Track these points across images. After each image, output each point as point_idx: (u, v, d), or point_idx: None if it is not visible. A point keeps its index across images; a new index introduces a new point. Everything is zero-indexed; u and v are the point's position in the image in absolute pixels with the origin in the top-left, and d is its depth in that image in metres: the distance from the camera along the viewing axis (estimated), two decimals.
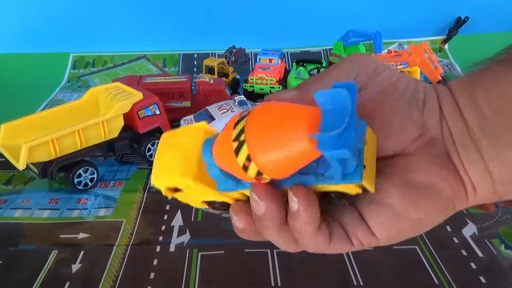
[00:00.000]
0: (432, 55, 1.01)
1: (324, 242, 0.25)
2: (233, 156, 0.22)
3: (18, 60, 1.44)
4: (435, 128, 0.25)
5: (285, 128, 0.20)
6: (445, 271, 0.61)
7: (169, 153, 0.27)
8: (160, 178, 0.27)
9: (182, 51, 1.51)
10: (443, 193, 0.24)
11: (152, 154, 0.90)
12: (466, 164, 0.24)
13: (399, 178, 0.24)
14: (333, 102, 0.20)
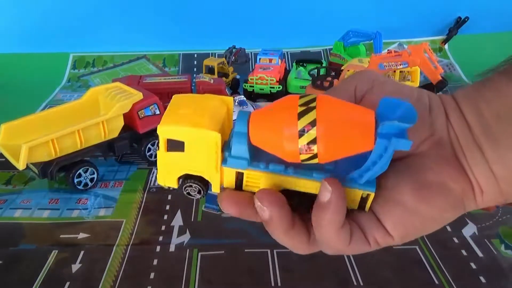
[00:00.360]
0: (432, 55, 1.01)
1: (344, 242, 0.25)
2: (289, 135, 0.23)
3: (18, 60, 1.44)
4: (443, 131, 0.26)
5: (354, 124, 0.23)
6: (445, 271, 0.61)
7: (187, 110, 0.27)
8: (169, 126, 0.26)
9: (182, 51, 1.51)
10: (453, 191, 0.25)
11: (152, 154, 0.90)
12: (472, 166, 0.25)
13: (411, 177, 0.25)
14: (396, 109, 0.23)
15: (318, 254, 0.28)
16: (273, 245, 0.67)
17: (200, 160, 0.27)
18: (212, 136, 0.25)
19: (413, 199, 0.25)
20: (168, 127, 0.26)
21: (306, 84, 1.13)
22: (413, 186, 0.25)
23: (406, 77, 1.15)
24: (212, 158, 0.26)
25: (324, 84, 0.99)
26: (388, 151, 0.22)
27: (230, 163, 0.26)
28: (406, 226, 0.25)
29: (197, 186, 0.28)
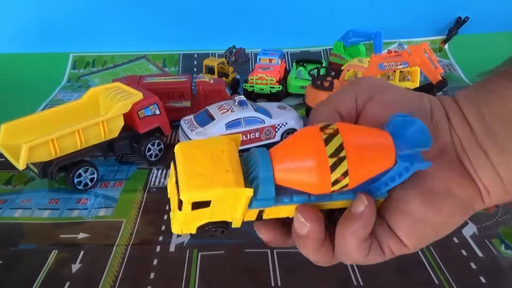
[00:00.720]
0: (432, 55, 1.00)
1: (364, 254, 0.26)
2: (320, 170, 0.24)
3: (18, 60, 1.44)
4: (446, 136, 0.27)
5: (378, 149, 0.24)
6: (445, 271, 0.61)
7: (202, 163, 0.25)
8: (197, 191, 0.24)
9: (182, 51, 1.51)
10: (461, 197, 0.26)
11: (152, 154, 0.90)
12: (478, 169, 0.26)
13: (418, 187, 0.26)
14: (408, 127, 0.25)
15: None
16: None
17: (226, 210, 0.26)
18: (245, 193, 0.25)
19: (421, 209, 0.25)
20: (194, 193, 0.24)
21: (306, 84, 1.13)
22: (420, 196, 0.26)
23: (406, 77, 1.15)
24: (240, 207, 0.26)
25: (324, 84, 0.99)
26: (410, 172, 0.24)
27: (256, 205, 0.26)
28: (418, 235, 0.26)
29: (220, 229, 0.28)
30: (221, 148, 0.26)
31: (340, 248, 0.26)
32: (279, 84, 1.17)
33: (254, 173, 0.26)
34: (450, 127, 0.27)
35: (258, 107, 0.94)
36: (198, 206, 0.25)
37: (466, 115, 0.26)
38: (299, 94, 1.20)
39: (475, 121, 0.26)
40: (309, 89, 1.05)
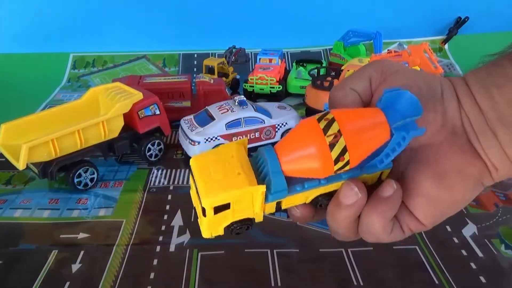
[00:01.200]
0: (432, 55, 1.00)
1: (388, 233, 0.28)
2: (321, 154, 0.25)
3: (18, 60, 1.44)
4: (456, 117, 0.28)
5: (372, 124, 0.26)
6: (445, 271, 0.61)
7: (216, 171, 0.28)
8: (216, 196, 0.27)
9: (182, 51, 1.51)
10: (471, 175, 0.27)
11: (152, 154, 0.90)
12: (486, 148, 0.27)
13: (430, 168, 0.28)
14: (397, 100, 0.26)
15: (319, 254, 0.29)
16: (273, 245, 0.67)
17: (246, 207, 0.28)
18: (259, 190, 0.27)
19: (435, 189, 0.27)
20: (214, 198, 0.27)
21: (306, 84, 1.13)
22: (433, 178, 0.27)
23: None
24: (258, 203, 0.28)
25: (324, 84, 0.99)
26: (407, 140, 0.26)
27: (272, 199, 0.28)
28: (434, 214, 0.28)
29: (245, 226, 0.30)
30: (231, 153, 0.29)
31: (366, 226, 0.28)
32: (279, 84, 1.17)
33: (264, 170, 0.28)
34: (460, 107, 0.28)
35: (258, 107, 0.94)
36: (219, 209, 0.27)
37: (476, 97, 0.27)
38: (299, 94, 1.20)
39: (485, 102, 0.27)
40: (309, 89, 1.05)
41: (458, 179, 0.27)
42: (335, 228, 0.29)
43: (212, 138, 0.88)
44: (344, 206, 0.28)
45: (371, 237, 0.29)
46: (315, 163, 0.26)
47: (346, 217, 0.28)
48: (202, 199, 0.27)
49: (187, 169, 0.88)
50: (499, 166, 0.27)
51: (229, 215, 0.28)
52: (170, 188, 0.82)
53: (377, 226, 0.27)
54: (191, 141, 0.87)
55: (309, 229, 0.69)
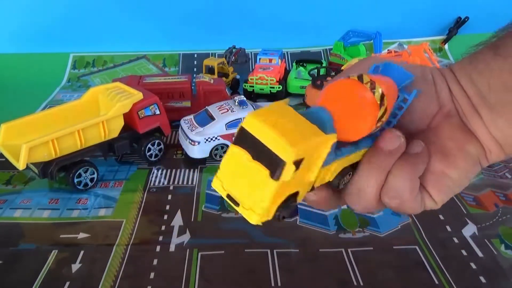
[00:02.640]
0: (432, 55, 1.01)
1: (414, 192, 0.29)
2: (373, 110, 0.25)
3: (18, 60, 1.44)
4: (449, 102, 0.30)
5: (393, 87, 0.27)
6: (445, 271, 0.61)
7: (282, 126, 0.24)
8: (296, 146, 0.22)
9: (182, 51, 1.51)
10: (471, 152, 0.29)
11: (152, 154, 0.90)
12: (475, 130, 0.29)
13: (434, 148, 0.29)
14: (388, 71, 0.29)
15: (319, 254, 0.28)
16: (273, 245, 0.67)
17: (305, 172, 0.24)
18: (331, 140, 0.24)
19: (441, 166, 0.29)
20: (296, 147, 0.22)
21: (306, 84, 1.13)
22: (439, 156, 0.29)
23: None
24: (319, 162, 0.25)
25: (324, 84, 0.99)
26: (409, 100, 0.28)
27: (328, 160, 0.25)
28: (443, 189, 0.30)
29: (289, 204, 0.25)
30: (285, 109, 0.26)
31: (394, 184, 0.28)
32: (279, 84, 1.17)
33: None
34: (451, 94, 0.30)
35: (258, 107, 0.94)
36: (297, 166, 0.23)
37: (462, 83, 0.30)
38: (299, 94, 1.20)
39: (469, 88, 0.29)
40: (309, 89, 1.05)
41: (461, 157, 0.29)
42: (365, 183, 0.29)
43: (212, 138, 0.88)
44: (387, 152, 0.28)
45: (396, 197, 0.29)
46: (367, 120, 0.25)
47: (385, 167, 0.28)
48: (284, 151, 0.22)
49: (187, 169, 0.88)
50: (491, 148, 0.29)
51: (292, 182, 0.24)
52: (170, 188, 0.82)
53: (407, 182, 0.28)
54: (191, 141, 0.87)
55: (309, 229, 0.70)
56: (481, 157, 0.30)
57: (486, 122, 0.29)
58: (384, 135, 0.29)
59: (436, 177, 0.29)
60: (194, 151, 0.88)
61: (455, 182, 0.30)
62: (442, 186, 0.30)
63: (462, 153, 0.29)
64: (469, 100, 0.29)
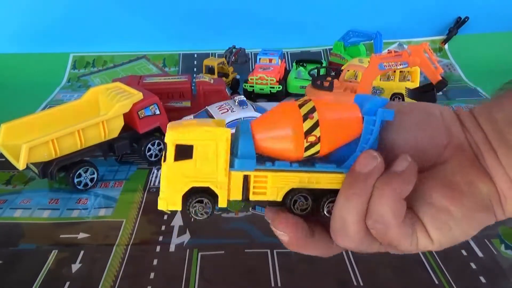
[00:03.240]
0: (432, 55, 1.00)
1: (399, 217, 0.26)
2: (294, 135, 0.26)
3: (18, 60, 1.44)
4: (460, 136, 0.27)
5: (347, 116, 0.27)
6: (445, 271, 0.61)
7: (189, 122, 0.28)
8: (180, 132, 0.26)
9: (182, 51, 1.51)
10: (480, 191, 0.26)
11: (152, 154, 0.90)
12: (491, 171, 0.26)
13: (440, 181, 0.26)
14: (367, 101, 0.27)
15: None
16: (273, 245, 0.67)
17: (209, 166, 0.26)
18: (223, 133, 0.26)
19: (444, 200, 0.26)
20: (177, 132, 0.26)
21: (306, 84, 1.13)
22: (442, 188, 0.26)
23: (406, 77, 1.15)
24: (221, 158, 0.26)
25: (324, 84, 0.99)
26: (377, 124, 0.26)
27: (238, 165, 0.26)
28: (442, 228, 0.26)
29: (204, 200, 0.27)
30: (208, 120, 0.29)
31: (375, 211, 0.25)
32: (279, 84, 1.17)
33: (235, 137, 0.27)
34: (464, 129, 0.27)
35: (258, 107, 0.94)
36: (181, 154, 0.26)
37: (478, 119, 0.27)
38: (299, 94, 1.20)
39: (487, 124, 0.26)
40: (309, 89, 1.05)
41: (467, 191, 0.26)
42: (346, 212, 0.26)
43: None
44: (363, 175, 0.25)
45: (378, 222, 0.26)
46: (287, 141, 0.26)
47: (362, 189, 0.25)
48: (166, 136, 0.26)
49: None
50: (507, 193, 0.26)
51: (191, 172, 0.26)
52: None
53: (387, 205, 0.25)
54: None
55: None
56: (494, 202, 0.26)
57: (504, 162, 0.25)
58: (359, 157, 0.26)
59: (437, 210, 0.26)
60: None
61: (457, 222, 0.26)
62: (441, 224, 0.26)
63: (470, 189, 0.26)
64: (485, 137, 0.26)
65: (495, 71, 1.18)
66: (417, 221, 0.27)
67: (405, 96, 1.09)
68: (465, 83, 1.32)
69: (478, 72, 1.33)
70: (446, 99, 1.22)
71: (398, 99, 1.17)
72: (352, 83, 1.04)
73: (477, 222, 0.26)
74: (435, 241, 0.26)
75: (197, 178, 0.27)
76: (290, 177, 0.27)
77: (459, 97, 1.23)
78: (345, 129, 0.27)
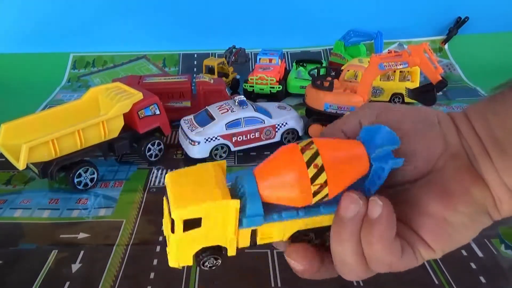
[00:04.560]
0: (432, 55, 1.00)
1: (397, 254, 0.27)
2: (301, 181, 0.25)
3: (18, 60, 1.44)
4: (456, 142, 0.28)
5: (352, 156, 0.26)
6: (445, 271, 0.61)
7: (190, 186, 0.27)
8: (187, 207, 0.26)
9: (182, 51, 1.51)
10: (475, 196, 0.26)
11: (152, 154, 0.90)
12: (484, 175, 0.26)
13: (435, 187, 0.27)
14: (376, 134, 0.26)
15: None
16: (273, 245, 0.67)
17: (218, 229, 0.27)
18: (233, 205, 0.26)
19: (440, 208, 0.26)
20: (185, 209, 0.26)
21: (306, 84, 1.13)
22: (438, 196, 0.26)
23: (406, 77, 1.15)
24: (231, 224, 0.27)
25: (324, 84, 0.99)
26: (386, 170, 0.26)
27: (247, 223, 0.27)
28: (442, 236, 0.27)
29: (214, 256, 0.28)
30: (208, 172, 0.28)
31: (371, 255, 0.27)
32: (279, 84, 1.17)
33: (241, 191, 0.27)
34: (459, 135, 0.28)
35: (258, 107, 0.94)
36: (190, 225, 0.26)
37: (473, 124, 0.27)
38: (299, 94, 1.20)
39: (482, 129, 0.27)
40: (309, 89, 1.04)
41: (462, 198, 0.26)
42: (343, 256, 0.28)
43: (212, 138, 0.88)
44: (347, 220, 0.26)
45: (382, 265, 0.28)
46: (294, 192, 0.25)
47: (352, 234, 0.26)
48: (172, 211, 0.26)
49: None
50: (500, 196, 0.26)
51: (201, 237, 0.27)
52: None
53: (380, 250, 0.26)
54: (191, 141, 0.87)
55: None
56: (490, 206, 0.27)
57: (498, 167, 0.26)
58: (340, 201, 0.26)
59: (434, 221, 0.27)
60: (194, 151, 0.87)
61: (456, 229, 0.27)
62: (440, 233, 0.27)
63: (465, 195, 0.26)
64: (480, 141, 0.27)
65: (495, 71, 1.18)
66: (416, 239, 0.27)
67: (405, 96, 1.09)
68: (465, 83, 1.32)
69: (478, 72, 1.33)
70: (446, 99, 1.22)
71: (398, 99, 1.17)
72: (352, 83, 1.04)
73: (474, 226, 0.27)
74: (437, 250, 0.28)
75: (207, 240, 0.27)
76: (294, 224, 0.28)
77: (459, 97, 1.23)
78: (351, 170, 0.26)
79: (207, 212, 0.26)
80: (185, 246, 0.27)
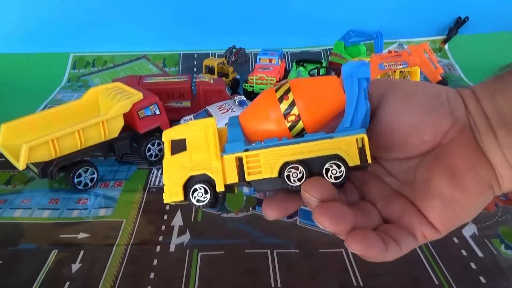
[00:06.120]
0: (432, 55, 1.00)
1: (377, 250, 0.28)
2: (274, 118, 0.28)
3: (18, 60, 1.44)
4: (463, 119, 0.28)
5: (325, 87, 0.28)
6: (445, 271, 0.61)
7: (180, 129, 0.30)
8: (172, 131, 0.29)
9: (182, 51, 1.51)
10: (481, 174, 0.27)
11: (152, 154, 0.90)
12: (488, 151, 0.27)
13: (443, 167, 0.27)
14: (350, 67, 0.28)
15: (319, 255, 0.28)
16: (273, 245, 0.67)
17: (201, 152, 0.29)
18: (209, 122, 0.29)
19: (449, 188, 0.27)
20: (170, 129, 0.30)
21: None
22: (446, 176, 0.27)
23: (406, 77, 1.15)
24: (211, 143, 0.29)
25: None
26: (354, 83, 0.26)
27: (228, 148, 0.28)
28: (449, 217, 0.27)
29: (203, 186, 0.29)
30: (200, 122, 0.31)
31: None
32: None
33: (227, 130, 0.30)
34: (467, 112, 0.28)
35: None
36: (176, 148, 0.29)
37: (481, 101, 0.28)
38: None
39: (489, 106, 0.27)
40: None
41: (471, 178, 0.27)
42: None
43: None
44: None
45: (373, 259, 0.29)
46: (270, 125, 0.28)
47: None
48: (163, 133, 0.30)
49: None
50: (502, 172, 0.27)
51: (187, 162, 0.29)
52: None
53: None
54: None
55: (309, 229, 0.69)
56: (494, 183, 0.27)
57: (502, 143, 0.26)
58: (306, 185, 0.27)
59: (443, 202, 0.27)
60: None
61: (464, 208, 0.27)
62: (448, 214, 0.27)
63: (473, 174, 0.27)
64: (485, 118, 0.27)
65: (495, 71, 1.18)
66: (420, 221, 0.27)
67: None
68: (465, 83, 1.32)
69: (478, 72, 1.32)
70: None
71: None
72: None
73: (480, 204, 0.27)
74: (442, 230, 0.27)
75: (193, 167, 0.29)
76: (281, 151, 0.28)
77: None
78: (327, 101, 0.28)
79: (189, 132, 0.29)
80: (174, 173, 0.29)
